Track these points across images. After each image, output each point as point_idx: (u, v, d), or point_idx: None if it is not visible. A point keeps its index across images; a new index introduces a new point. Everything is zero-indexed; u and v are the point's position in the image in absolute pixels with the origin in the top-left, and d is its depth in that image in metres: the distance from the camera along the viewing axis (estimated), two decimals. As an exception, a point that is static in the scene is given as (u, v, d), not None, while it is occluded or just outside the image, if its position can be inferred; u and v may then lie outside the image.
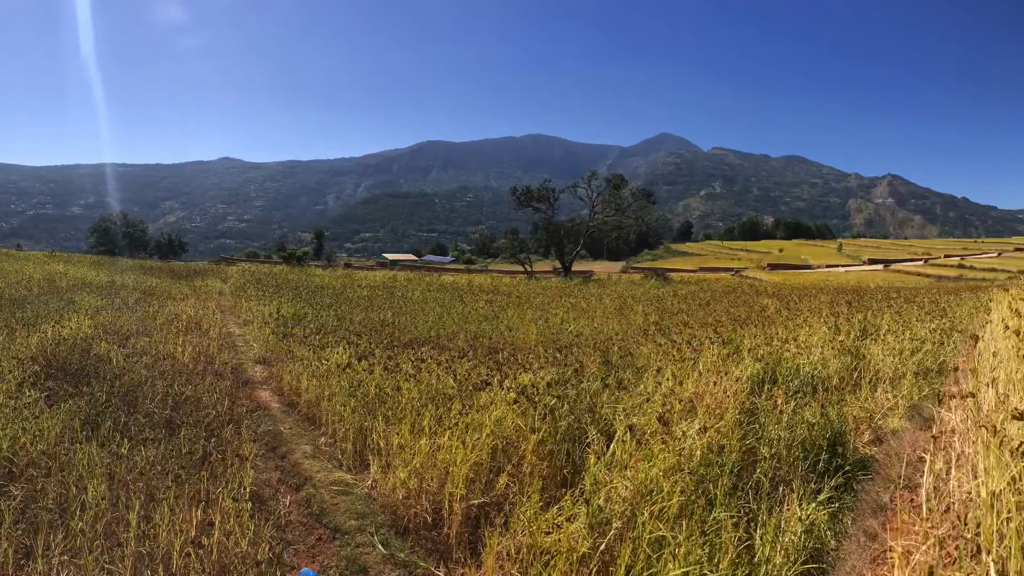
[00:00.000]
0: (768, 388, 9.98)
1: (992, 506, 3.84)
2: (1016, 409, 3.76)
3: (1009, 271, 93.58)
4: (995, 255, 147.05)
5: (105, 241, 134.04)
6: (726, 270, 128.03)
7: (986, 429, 4.05)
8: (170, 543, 5.70)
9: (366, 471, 8.38)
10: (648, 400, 9.06)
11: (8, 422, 8.06)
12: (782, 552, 5.56)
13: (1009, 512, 3.61)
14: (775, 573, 5.38)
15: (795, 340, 14.72)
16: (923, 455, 6.76)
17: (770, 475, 7.19)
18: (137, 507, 5.97)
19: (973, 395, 5.62)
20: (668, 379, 10.26)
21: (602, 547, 5.47)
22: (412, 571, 6.16)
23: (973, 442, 5.48)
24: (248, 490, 6.83)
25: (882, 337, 15.61)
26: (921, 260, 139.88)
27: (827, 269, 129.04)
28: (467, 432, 7.75)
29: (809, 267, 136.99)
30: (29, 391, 9.62)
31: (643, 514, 5.57)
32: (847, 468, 7.80)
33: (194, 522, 5.95)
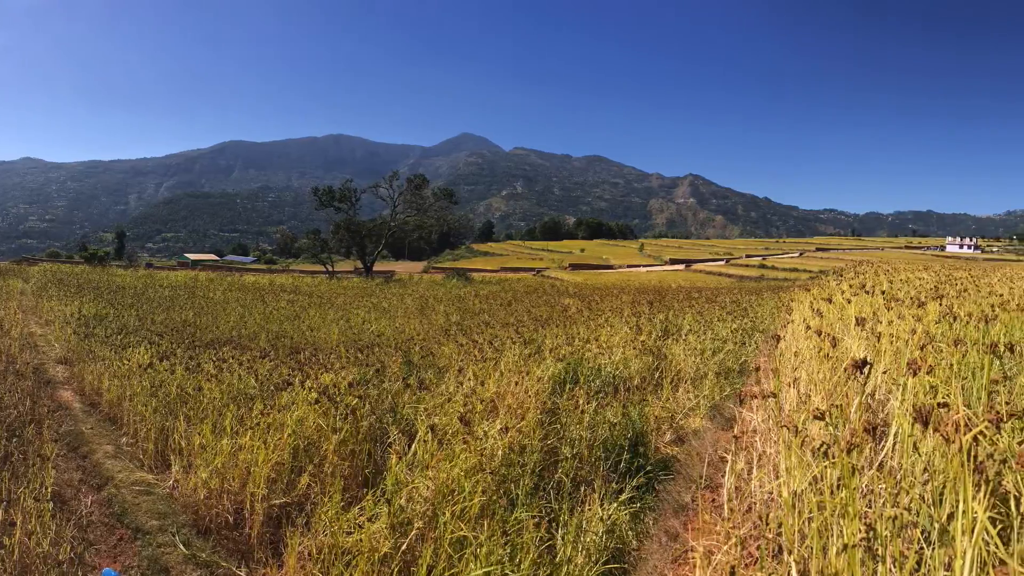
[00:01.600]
0: (570, 388, 10.08)
1: (794, 506, 3.96)
2: (818, 409, 3.88)
3: (810, 271, 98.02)
4: (797, 255, 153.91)
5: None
6: (528, 270, 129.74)
7: (788, 429, 4.17)
8: (-30, 543, 5.51)
9: (168, 471, 8.37)
10: (450, 400, 9.13)
11: None
12: (584, 552, 5.66)
13: (811, 512, 3.72)
14: (577, 573, 5.48)
15: (597, 340, 14.99)
16: (725, 455, 6.96)
17: (572, 475, 7.31)
18: (-63, 507, 5.76)
19: (775, 395, 5.81)
20: (470, 379, 10.32)
21: (404, 547, 5.48)
22: (214, 571, 6.16)
23: (775, 442, 5.64)
24: (50, 490, 6.69)
25: (684, 337, 16.07)
26: (723, 260, 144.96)
27: (629, 269, 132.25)
28: (269, 432, 7.75)
29: (611, 267, 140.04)
30: None
31: (445, 514, 5.57)
32: (649, 468, 8.02)
33: (-6, 522, 5.74)
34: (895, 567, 3.03)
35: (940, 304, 10.87)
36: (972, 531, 2.48)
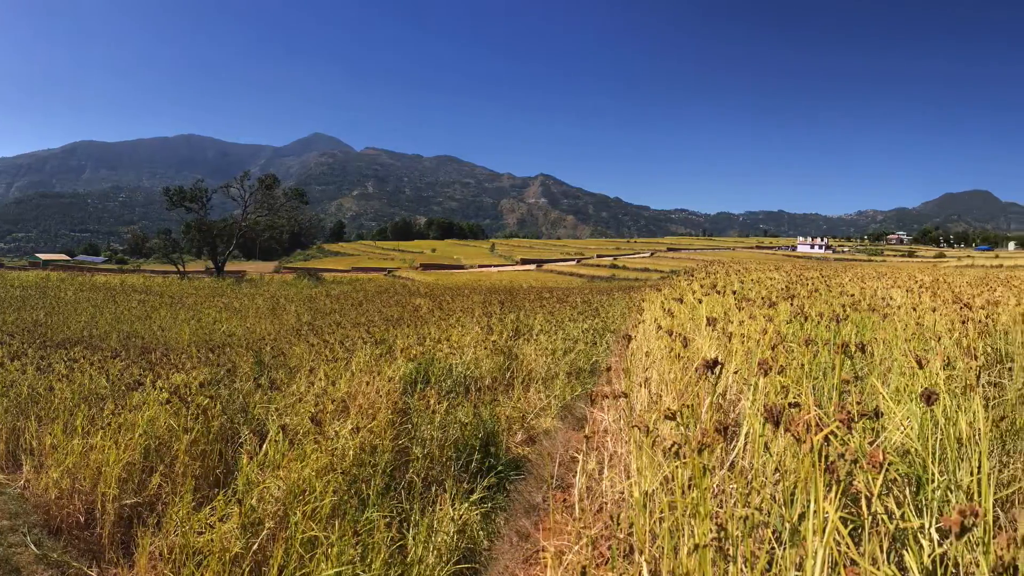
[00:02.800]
0: (421, 388, 10.08)
1: (645, 506, 3.96)
2: (669, 409, 3.89)
3: (662, 271, 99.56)
4: (648, 255, 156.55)
5: None
6: (379, 270, 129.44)
7: (639, 429, 4.17)
8: None
9: (19, 471, 8.27)
10: (301, 400, 9.09)
11: None
12: (435, 552, 5.70)
13: (662, 512, 3.73)
14: (428, 573, 5.50)
15: (448, 340, 14.96)
16: (576, 455, 7.00)
17: (423, 475, 7.32)
18: None
19: (626, 395, 5.85)
20: (321, 379, 10.25)
21: (255, 547, 5.45)
22: (65, 571, 6.05)
23: (626, 442, 5.68)
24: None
25: (535, 337, 16.18)
26: (574, 260, 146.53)
27: (480, 269, 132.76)
28: (120, 432, 7.63)
29: (462, 267, 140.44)
30: None
31: (296, 514, 5.53)
32: (500, 468, 8.06)
33: None
34: (746, 567, 3.05)
35: (791, 304, 11.11)
36: (823, 531, 2.50)
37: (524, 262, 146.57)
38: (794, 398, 4.61)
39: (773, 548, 3.11)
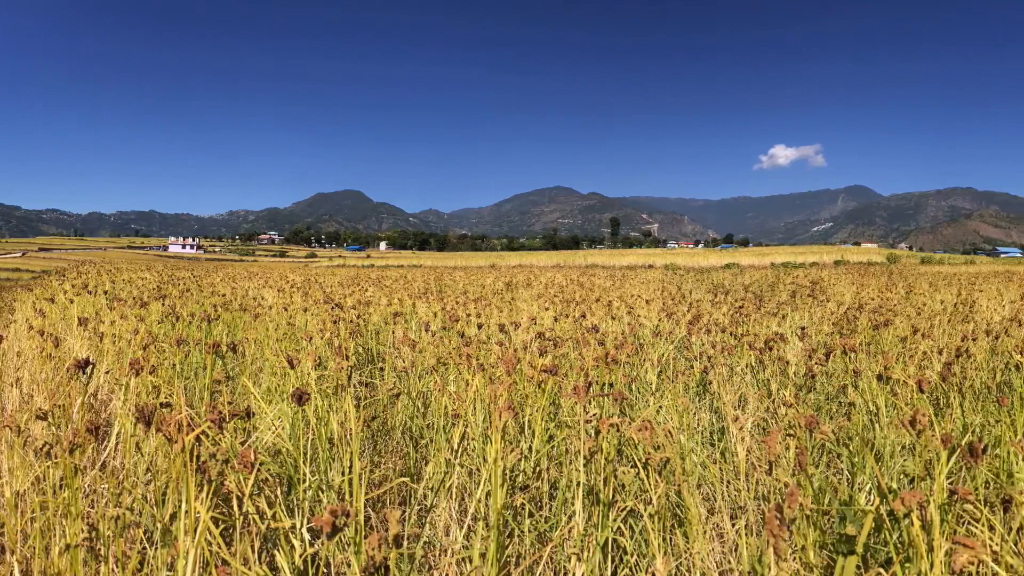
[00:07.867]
0: None
1: (16, 506, 3.56)
2: (40, 409, 3.52)
3: (33, 271, 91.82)
4: (20, 255, 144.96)
5: None
6: None
7: (10, 429, 3.75)
8: None
9: None
10: None
11: None
12: None
13: (33, 512, 3.37)
14: None
15: None
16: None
17: None
18: None
19: (-4, 396, 5.28)
20: None
21: None
22: None
23: (-2, 442, 5.15)
24: None
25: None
26: None
27: None
28: None
29: None
30: None
31: None
32: None
33: None
34: (118, 567, 2.80)
35: (163, 304, 10.70)
36: (195, 531, 2.32)
37: None
38: (166, 398, 4.40)
39: (145, 548, 2.89)
